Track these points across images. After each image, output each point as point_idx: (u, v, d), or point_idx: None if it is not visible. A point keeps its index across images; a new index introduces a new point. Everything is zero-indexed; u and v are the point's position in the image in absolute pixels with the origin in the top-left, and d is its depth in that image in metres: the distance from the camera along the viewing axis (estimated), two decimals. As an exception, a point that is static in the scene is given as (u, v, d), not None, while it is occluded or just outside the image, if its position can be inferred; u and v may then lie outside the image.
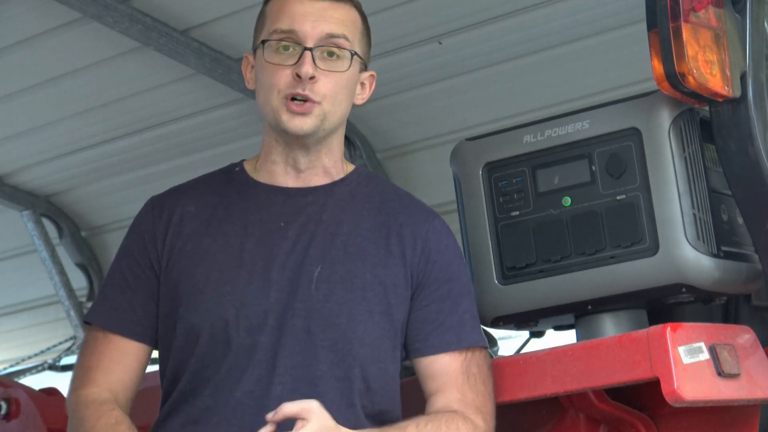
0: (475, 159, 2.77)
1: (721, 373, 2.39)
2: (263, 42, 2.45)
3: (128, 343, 2.47)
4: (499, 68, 4.98)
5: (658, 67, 2.48)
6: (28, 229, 6.50)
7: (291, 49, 2.43)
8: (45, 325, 7.29)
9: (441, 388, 2.45)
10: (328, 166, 2.52)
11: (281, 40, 2.43)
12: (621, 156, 2.61)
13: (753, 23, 2.59)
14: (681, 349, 2.35)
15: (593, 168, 2.64)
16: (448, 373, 2.46)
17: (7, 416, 4.02)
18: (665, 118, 2.58)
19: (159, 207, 2.51)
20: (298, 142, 2.46)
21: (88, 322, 2.51)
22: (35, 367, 7.25)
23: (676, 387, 2.32)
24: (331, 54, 2.45)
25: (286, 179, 2.50)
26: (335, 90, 2.45)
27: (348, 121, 5.90)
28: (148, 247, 2.47)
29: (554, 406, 2.61)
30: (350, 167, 2.58)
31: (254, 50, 2.52)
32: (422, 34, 4.85)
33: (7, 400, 4.03)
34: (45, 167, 6.17)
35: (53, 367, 7.21)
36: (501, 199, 2.73)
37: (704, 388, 2.37)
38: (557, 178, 2.68)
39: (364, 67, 2.54)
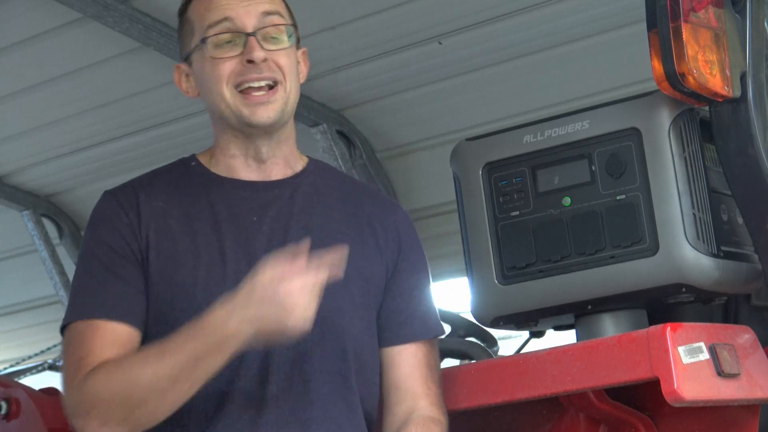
0: (475, 159, 2.76)
1: (721, 373, 2.39)
2: (203, 40, 2.42)
3: (120, 327, 2.35)
4: (499, 68, 4.99)
5: (658, 67, 2.48)
6: (28, 229, 6.50)
7: (232, 41, 2.42)
8: (45, 325, 7.30)
9: (405, 379, 2.47)
10: (287, 155, 2.51)
11: (220, 33, 2.41)
12: (621, 156, 2.61)
13: (753, 23, 2.59)
14: (681, 349, 2.35)
15: (593, 168, 2.64)
16: (412, 363, 2.48)
17: (7, 416, 4.02)
18: (665, 118, 2.58)
19: (124, 200, 2.44)
20: (263, 132, 2.44)
21: (67, 323, 2.39)
22: (35, 367, 7.26)
23: (676, 387, 2.32)
24: (272, 37, 2.44)
25: (249, 173, 2.48)
26: (288, 64, 2.44)
27: (348, 120, 5.96)
28: (128, 240, 2.39)
29: (554, 406, 2.61)
30: (305, 158, 2.57)
31: (185, 58, 2.50)
32: (422, 34, 4.85)
33: (7, 400, 4.03)
34: (45, 167, 6.17)
35: (53, 367, 7.21)
36: (501, 199, 2.73)
37: (704, 388, 2.37)
38: (557, 178, 2.68)
39: (298, 43, 2.52)
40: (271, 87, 2.42)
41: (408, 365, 2.48)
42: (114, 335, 2.34)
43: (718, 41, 2.52)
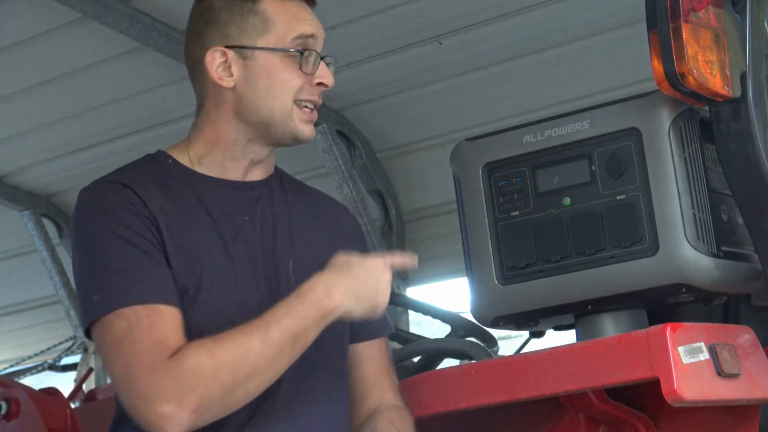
0: (475, 159, 2.77)
1: (721, 373, 2.39)
2: (301, 52, 2.40)
3: (177, 312, 2.26)
4: (499, 68, 4.99)
5: (658, 67, 2.48)
6: (28, 229, 6.51)
7: (302, 54, 2.42)
8: (45, 325, 7.30)
9: (372, 374, 2.53)
10: (272, 162, 2.53)
11: (311, 49, 2.42)
12: (621, 156, 2.61)
13: (753, 23, 2.59)
14: (681, 349, 2.35)
15: (593, 168, 2.64)
16: (378, 358, 2.54)
17: (7, 416, 4.02)
18: (665, 118, 2.59)
19: (128, 194, 2.35)
20: (287, 145, 2.46)
21: (118, 307, 2.23)
22: (35, 367, 7.26)
23: (676, 387, 2.32)
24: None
25: (236, 174, 2.47)
26: None
27: (348, 120, 5.96)
28: (152, 230, 2.32)
29: (554, 406, 2.61)
30: None
31: (235, 46, 2.42)
32: (422, 34, 4.86)
33: (7, 400, 4.03)
34: (45, 167, 6.18)
35: (53, 367, 7.22)
36: (501, 199, 2.73)
37: (704, 388, 2.37)
38: (557, 178, 2.68)
39: None
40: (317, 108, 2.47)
41: (373, 360, 2.54)
42: (177, 320, 2.26)
43: (718, 41, 2.52)
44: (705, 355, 2.39)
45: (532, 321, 2.78)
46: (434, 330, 3.80)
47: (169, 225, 2.35)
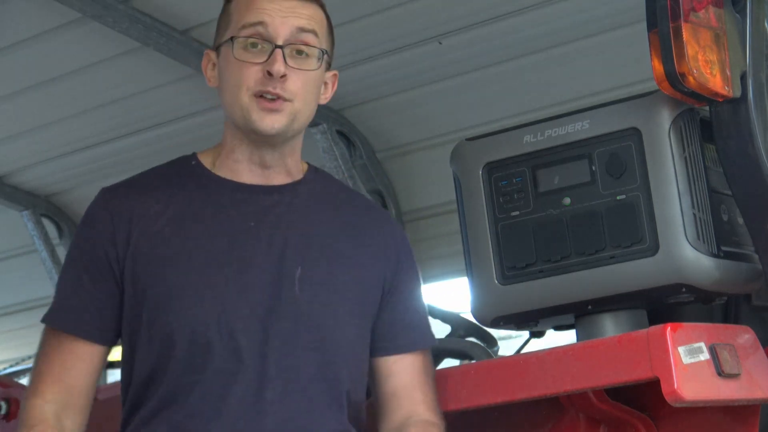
0: (475, 159, 2.77)
1: (721, 373, 2.40)
2: (232, 39, 2.41)
3: (82, 345, 2.40)
4: (499, 68, 4.98)
5: (658, 67, 2.48)
6: (28, 229, 6.50)
7: (260, 46, 2.40)
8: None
9: (404, 387, 2.50)
10: (290, 165, 2.52)
11: (250, 36, 2.40)
12: (621, 156, 2.61)
13: (753, 23, 2.59)
14: (681, 349, 2.35)
15: (593, 168, 2.64)
16: (410, 372, 2.51)
17: (7, 416, 4.02)
18: (665, 118, 2.58)
19: (116, 203, 2.42)
20: (266, 142, 2.44)
21: (44, 321, 2.45)
22: (35, 367, 7.24)
23: (676, 387, 2.32)
24: (300, 53, 2.42)
25: (251, 177, 2.47)
26: (305, 88, 2.43)
27: (348, 120, 5.96)
28: (107, 249, 2.39)
29: (554, 406, 2.61)
30: (305, 165, 2.58)
31: (217, 48, 2.49)
32: (422, 34, 4.85)
33: (7, 400, 4.03)
34: (45, 167, 6.17)
35: (53, 367, 7.19)
36: (501, 199, 2.73)
37: (704, 388, 2.37)
38: (557, 178, 2.68)
39: (328, 66, 2.52)
40: (284, 99, 2.41)
41: (407, 374, 2.51)
42: (76, 356, 2.41)
43: (719, 41, 2.52)
44: (705, 355, 2.39)
45: (532, 321, 2.78)
46: (434, 330, 3.79)
47: (154, 232, 2.39)
